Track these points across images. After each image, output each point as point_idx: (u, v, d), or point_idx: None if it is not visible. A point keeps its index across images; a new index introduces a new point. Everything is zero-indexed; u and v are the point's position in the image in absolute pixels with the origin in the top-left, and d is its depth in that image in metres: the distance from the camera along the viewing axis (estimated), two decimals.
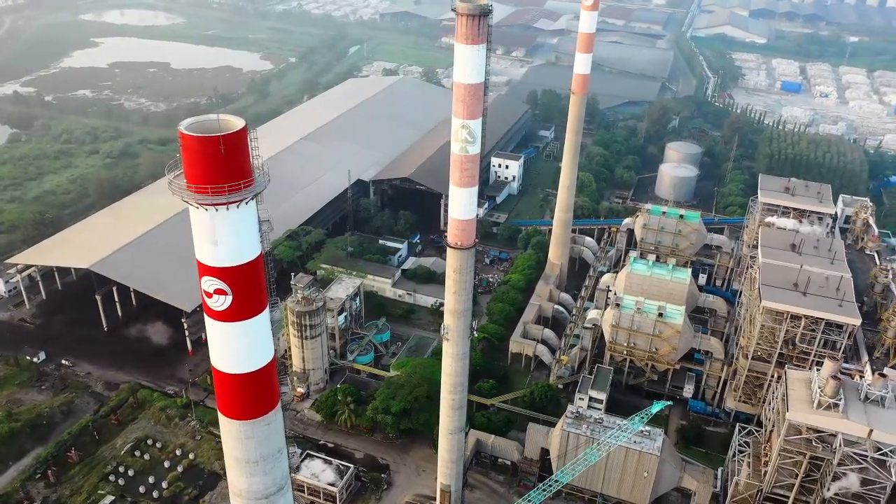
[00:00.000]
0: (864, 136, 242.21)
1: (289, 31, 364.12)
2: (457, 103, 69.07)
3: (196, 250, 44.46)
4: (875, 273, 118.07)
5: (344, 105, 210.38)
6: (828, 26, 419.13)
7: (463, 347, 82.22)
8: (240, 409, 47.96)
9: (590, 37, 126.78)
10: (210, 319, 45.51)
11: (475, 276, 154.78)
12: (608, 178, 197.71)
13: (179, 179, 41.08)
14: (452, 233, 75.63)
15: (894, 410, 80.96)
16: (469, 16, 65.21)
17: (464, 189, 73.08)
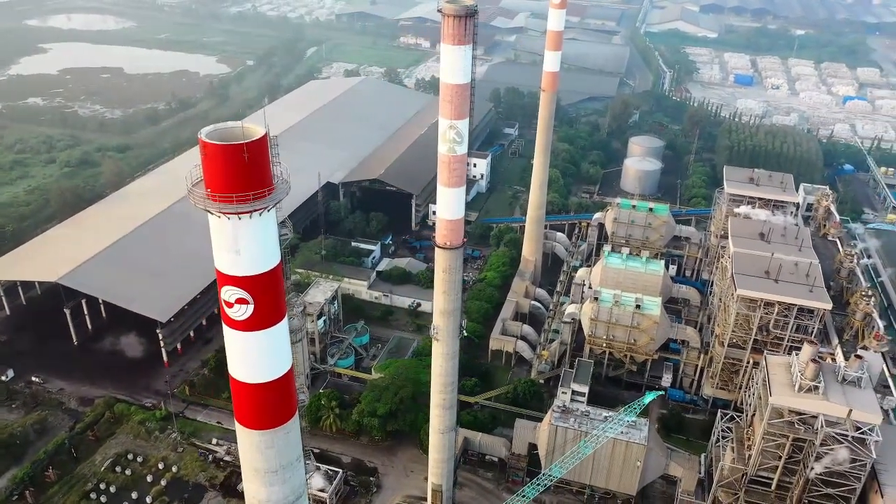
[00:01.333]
0: (817, 127, 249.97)
1: (244, 33, 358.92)
2: (444, 104, 69.10)
3: (215, 260, 43.70)
4: (841, 258, 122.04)
5: (307, 107, 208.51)
6: (775, 20, 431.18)
7: (453, 347, 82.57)
8: (260, 418, 47.31)
9: (558, 34, 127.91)
10: (230, 330, 44.76)
11: None
12: (574, 174, 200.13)
13: (198, 188, 40.27)
14: (441, 233, 75.82)
15: (870, 390, 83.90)
16: (456, 17, 65.35)
17: (452, 189, 73.36)
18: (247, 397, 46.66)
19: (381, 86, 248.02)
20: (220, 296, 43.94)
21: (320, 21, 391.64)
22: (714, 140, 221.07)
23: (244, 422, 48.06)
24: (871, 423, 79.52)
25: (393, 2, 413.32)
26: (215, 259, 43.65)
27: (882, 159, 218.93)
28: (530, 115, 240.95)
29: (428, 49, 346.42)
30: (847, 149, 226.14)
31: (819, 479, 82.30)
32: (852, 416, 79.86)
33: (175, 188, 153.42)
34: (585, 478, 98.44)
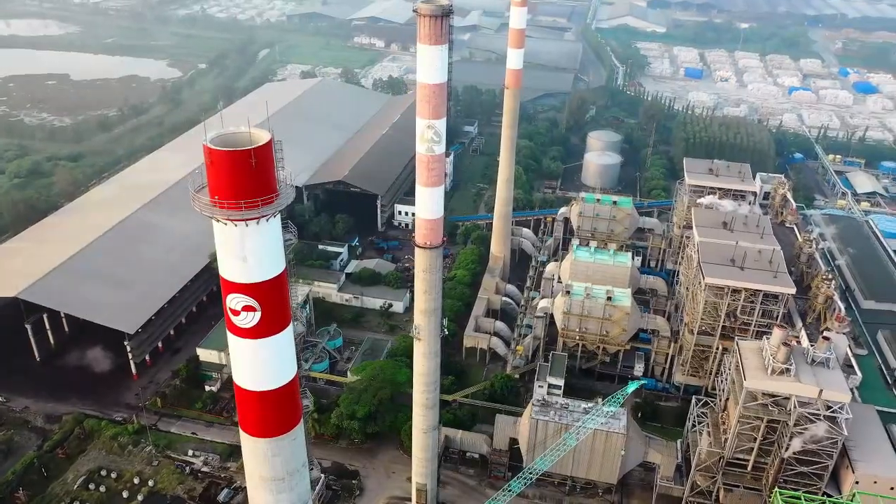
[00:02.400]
0: (766, 117, 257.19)
1: (194, 36, 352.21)
2: (422, 104, 69.19)
3: (220, 268, 42.93)
4: (800, 244, 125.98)
5: (265, 110, 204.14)
6: (720, 14, 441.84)
7: (434, 346, 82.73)
8: (268, 426, 46.64)
9: (520, 32, 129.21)
10: (235, 338, 44.00)
11: None
12: (536, 170, 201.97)
13: (202, 196, 39.50)
14: (421, 232, 75.83)
15: (838, 371, 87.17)
16: (432, 17, 65.24)
17: (431, 189, 73.43)
18: (253, 405, 45.99)
19: (339, 87, 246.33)
20: (224, 304, 43.18)
21: (271, 22, 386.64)
22: (669, 132, 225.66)
23: (250, 430, 47.35)
24: (840, 402, 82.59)
25: (344, 2, 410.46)
26: (220, 267, 42.92)
27: (829, 147, 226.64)
28: (489, 112, 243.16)
29: (383, 49, 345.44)
30: (796, 138, 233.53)
31: (793, 459, 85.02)
32: (823, 396, 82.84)
33: (135, 196, 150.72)
34: (566, 469, 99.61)
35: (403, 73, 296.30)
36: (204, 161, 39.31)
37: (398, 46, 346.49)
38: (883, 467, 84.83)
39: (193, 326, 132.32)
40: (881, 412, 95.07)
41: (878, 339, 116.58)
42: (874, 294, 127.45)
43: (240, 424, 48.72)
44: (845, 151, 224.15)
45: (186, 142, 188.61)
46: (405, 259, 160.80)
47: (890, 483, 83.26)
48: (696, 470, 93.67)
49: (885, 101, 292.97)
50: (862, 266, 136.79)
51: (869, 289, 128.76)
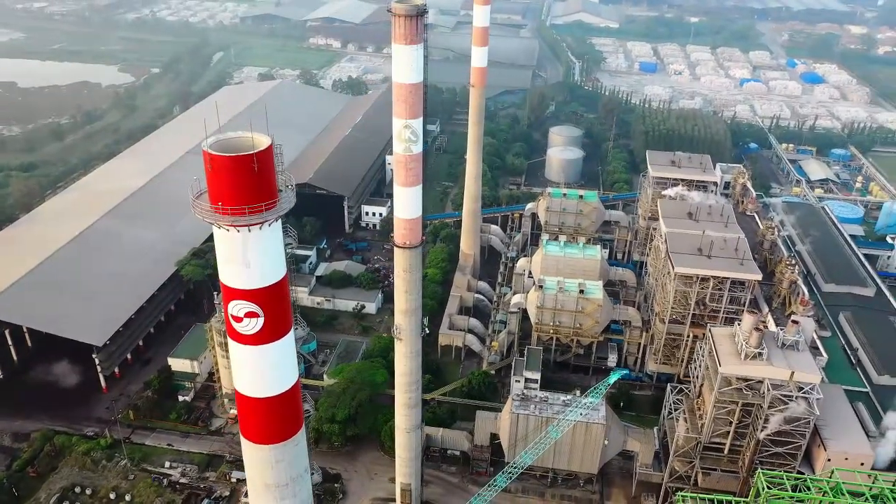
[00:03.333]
0: (720, 109, 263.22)
1: (145, 40, 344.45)
2: (398, 104, 69.05)
3: (221, 274, 42.24)
4: (763, 231, 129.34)
5: (225, 113, 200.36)
6: (670, 9, 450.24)
7: (415, 345, 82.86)
8: (271, 432, 46.09)
9: (484, 30, 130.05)
10: (237, 345, 43.32)
11: (391, 275, 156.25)
12: (500, 167, 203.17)
13: (202, 202, 38.84)
14: (400, 232, 75.79)
15: (807, 353, 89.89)
16: (407, 16, 65.24)
17: (409, 188, 73.35)
18: (257, 412, 45.42)
19: (299, 88, 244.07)
20: (225, 311, 42.55)
21: (224, 25, 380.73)
22: (629, 126, 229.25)
23: (253, 437, 46.75)
24: (811, 383, 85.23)
25: (299, 2, 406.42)
26: (221, 274, 42.26)
27: (782, 136, 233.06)
28: (450, 110, 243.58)
29: (339, 49, 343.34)
30: (750, 128, 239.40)
31: (768, 440, 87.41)
32: (795, 378, 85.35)
33: (95, 205, 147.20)
34: (548, 462, 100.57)
35: (362, 73, 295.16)
36: (204, 167, 38.61)
37: (355, 46, 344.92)
38: (852, 444, 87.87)
39: (163, 336, 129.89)
40: (847, 391, 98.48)
41: (839, 321, 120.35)
42: (834, 277, 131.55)
43: (241, 432, 48.09)
44: (797, 140, 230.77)
45: (145, 148, 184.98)
46: (375, 260, 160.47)
47: (860, 459, 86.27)
48: (674, 456, 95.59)
49: (831, 90, 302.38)
50: (821, 251, 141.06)
51: (829, 273, 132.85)
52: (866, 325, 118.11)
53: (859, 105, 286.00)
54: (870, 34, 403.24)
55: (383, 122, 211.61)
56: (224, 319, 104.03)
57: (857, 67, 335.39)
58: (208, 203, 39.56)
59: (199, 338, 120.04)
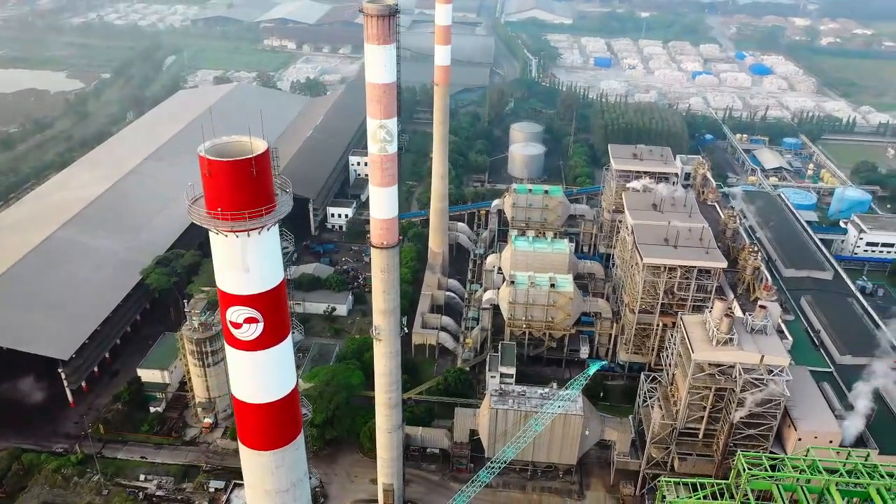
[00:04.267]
0: (675, 101, 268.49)
1: (93, 45, 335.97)
2: (372, 104, 68.93)
3: (219, 281, 41.54)
4: (725, 220, 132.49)
5: (183, 118, 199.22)
6: (621, 4, 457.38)
7: (395, 345, 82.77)
8: (271, 438, 45.45)
9: (447, 29, 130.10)
10: (236, 352, 42.64)
11: (360, 276, 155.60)
12: (464, 164, 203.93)
13: (199, 208, 38.17)
14: (376, 233, 75.70)
15: (775, 336, 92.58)
16: (379, 16, 65.07)
17: (385, 189, 73.30)
18: (257, 419, 44.81)
19: (256, 91, 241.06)
20: (223, 317, 41.91)
21: (175, 28, 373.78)
22: (588, 121, 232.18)
23: (253, 444, 46.07)
24: (780, 365, 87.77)
25: (251, 4, 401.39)
26: (219, 280, 41.61)
27: (735, 127, 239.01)
28: (410, 109, 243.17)
29: (295, 50, 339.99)
30: (705, 120, 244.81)
31: (741, 423, 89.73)
32: (765, 361, 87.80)
33: (53, 215, 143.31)
34: (528, 455, 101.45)
35: (319, 74, 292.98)
36: (201, 172, 38.00)
37: (310, 47, 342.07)
38: (821, 423, 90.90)
39: (130, 347, 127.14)
40: (812, 372, 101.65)
41: (801, 305, 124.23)
42: (794, 263, 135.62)
43: (240, 439, 47.43)
44: (750, 130, 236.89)
45: (101, 155, 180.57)
46: (343, 261, 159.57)
47: (829, 437, 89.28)
48: (650, 443, 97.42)
49: (779, 81, 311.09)
50: (780, 237, 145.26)
51: (789, 258, 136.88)
52: (827, 308, 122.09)
53: (807, 95, 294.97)
54: (813, 26, 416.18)
55: (344, 122, 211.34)
56: (195, 327, 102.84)
57: (802, 58, 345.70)
58: (204, 209, 38.93)
59: (169, 347, 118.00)
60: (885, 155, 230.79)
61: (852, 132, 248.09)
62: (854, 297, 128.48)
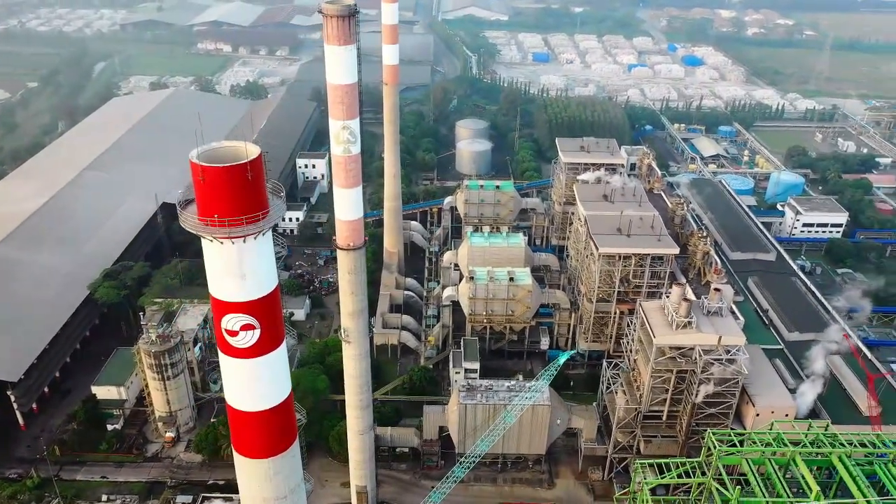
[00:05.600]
0: (613, 94, 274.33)
1: (15, 52, 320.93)
2: (334, 105, 68.55)
3: (214, 289, 40.50)
4: (673, 208, 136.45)
5: (120, 126, 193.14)
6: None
7: (364, 347, 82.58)
8: (269, 446, 44.56)
9: (393, 28, 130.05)
10: (232, 360, 41.67)
11: (316, 279, 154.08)
12: (412, 163, 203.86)
13: (192, 215, 37.17)
14: (343, 235, 75.35)
15: (730, 318, 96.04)
16: (339, 17, 64.57)
17: (350, 190, 73.23)
18: (254, 427, 43.92)
19: (196, 96, 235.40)
20: (218, 326, 41.03)
21: (103, 33, 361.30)
22: (531, 116, 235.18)
23: (250, 453, 45.13)
24: (737, 345, 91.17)
25: (182, 7, 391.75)
26: (214, 289, 40.64)
27: (673, 117, 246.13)
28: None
29: (231, 53, 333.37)
30: (643, 111, 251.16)
31: (703, 402, 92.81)
32: (722, 342, 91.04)
33: None
34: (497, 448, 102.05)
35: (258, 76, 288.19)
36: (193, 179, 37.21)
37: (247, 50, 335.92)
38: (777, 398, 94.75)
39: (81, 364, 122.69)
40: (765, 350, 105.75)
41: (749, 286, 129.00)
42: (739, 246, 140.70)
43: (236, 449, 46.48)
44: (687, 120, 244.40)
45: (35, 167, 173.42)
46: (297, 265, 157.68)
47: (784, 411, 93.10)
48: (616, 428, 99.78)
49: (711, 71, 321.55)
50: (724, 222, 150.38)
51: (734, 242, 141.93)
52: (773, 288, 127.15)
53: (737, 84, 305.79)
54: (738, 17, 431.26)
55: (289, 125, 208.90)
56: (152, 340, 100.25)
57: (730, 49, 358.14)
58: (196, 216, 38.13)
59: (124, 362, 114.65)
60: (814, 139, 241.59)
61: (782, 119, 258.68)
62: (797, 277, 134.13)
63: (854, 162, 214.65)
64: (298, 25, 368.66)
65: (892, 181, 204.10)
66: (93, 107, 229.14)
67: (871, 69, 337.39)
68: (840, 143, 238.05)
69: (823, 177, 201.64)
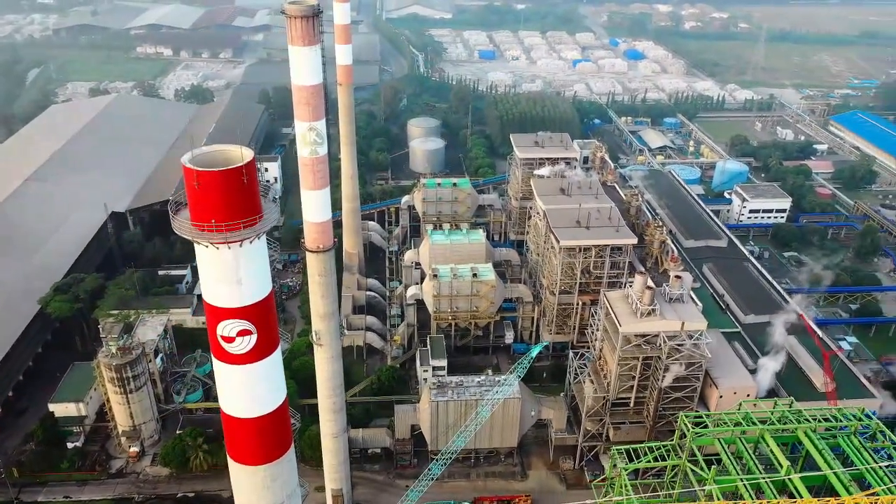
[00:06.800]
0: (561, 89, 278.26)
1: None
2: (300, 107, 67.72)
3: (209, 296, 39.59)
4: (628, 199, 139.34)
5: (62, 134, 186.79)
6: None
7: (336, 349, 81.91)
8: (266, 452, 43.74)
9: (346, 28, 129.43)
10: (228, 367, 40.76)
11: (274, 283, 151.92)
12: (365, 163, 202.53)
13: (185, 221, 36.24)
14: (312, 237, 74.68)
15: (691, 304, 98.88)
16: (303, 17, 63.97)
17: (319, 191, 72.32)
18: (251, 433, 43.09)
19: (139, 101, 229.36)
20: (214, 333, 40.12)
21: (35, 39, 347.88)
22: (482, 113, 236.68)
23: (248, 460, 44.25)
24: (700, 329, 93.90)
25: (117, 11, 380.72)
26: (209, 295, 39.76)
27: (620, 110, 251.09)
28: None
29: (172, 57, 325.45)
30: (591, 105, 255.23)
31: (668, 387, 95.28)
32: (685, 328, 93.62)
33: None
34: (470, 443, 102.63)
35: (202, 80, 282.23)
36: (186, 184, 36.36)
37: (189, 53, 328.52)
38: (738, 379, 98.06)
39: (35, 382, 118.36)
40: (723, 333, 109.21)
41: (704, 272, 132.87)
42: (692, 234, 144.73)
43: (232, 457, 45.57)
44: (633, 113, 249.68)
45: None
46: None
47: (746, 391, 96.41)
48: (586, 417, 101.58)
49: (652, 65, 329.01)
50: (676, 211, 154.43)
51: (687, 230, 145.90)
52: (727, 273, 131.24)
53: (678, 77, 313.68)
54: (676, 11, 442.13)
55: (240, 128, 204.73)
56: (113, 353, 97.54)
57: (669, 42, 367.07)
58: (189, 222, 37.35)
59: (82, 377, 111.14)
60: (754, 128, 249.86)
61: (723, 109, 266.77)
62: (748, 262, 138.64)
63: (793, 149, 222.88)
64: (241, 27, 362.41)
65: (830, 167, 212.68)
66: (29, 115, 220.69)
67: (803, 59, 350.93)
68: (779, 131, 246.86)
69: (766, 164, 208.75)
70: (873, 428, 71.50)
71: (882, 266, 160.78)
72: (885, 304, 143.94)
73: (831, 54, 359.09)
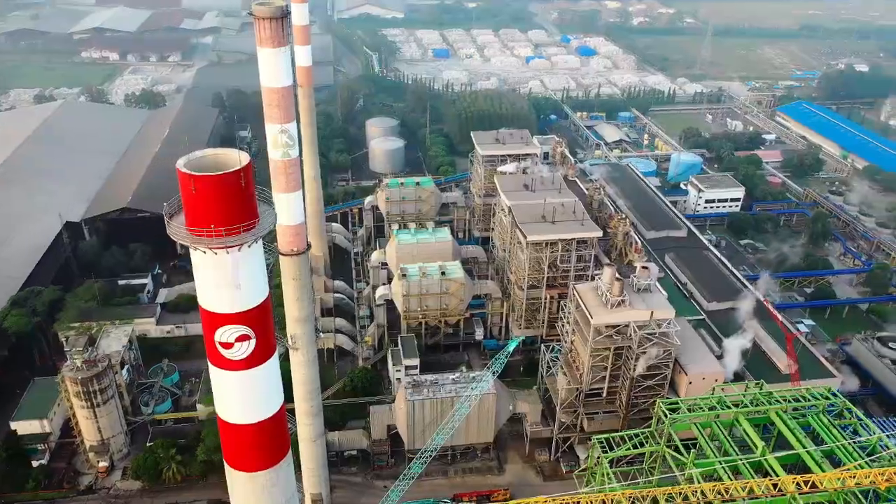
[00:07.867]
0: (516, 86, 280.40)
1: None
2: (271, 109, 67.27)
3: (206, 302, 38.73)
4: (591, 193, 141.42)
5: (8, 143, 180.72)
6: None
7: (312, 353, 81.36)
8: (266, 457, 42.98)
9: (305, 28, 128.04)
10: (226, 373, 39.94)
11: None
12: (325, 164, 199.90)
13: (181, 227, 35.40)
14: (285, 240, 73.98)
15: (659, 293, 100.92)
16: (271, 19, 63.25)
17: (291, 194, 71.85)
18: (251, 439, 42.34)
19: (88, 107, 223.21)
20: (212, 339, 39.32)
21: None
22: (439, 111, 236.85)
23: (248, 467, 43.44)
24: (668, 318, 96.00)
25: (59, 15, 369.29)
26: (206, 301, 38.94)
27: (575, 106, 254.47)
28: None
29: (118, 61, 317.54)
30: (546, 101, 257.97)
31: (640, 376, 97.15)
32: (654, 317, 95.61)
33: None
34: (446, 441, 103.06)
35: (151, 84, 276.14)
36: (182, 190, 35.68)
37: (136, 57, 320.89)
38: (706, 365, 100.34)
39: None
40: (689, 321, 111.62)
41: (666, 262, 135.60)
42: (653, 225, 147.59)
43: (231, 464, 44.72)
44: (588, 108, 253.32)
45: None
46: None
47: (714, 377, 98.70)
48: (560, 409, 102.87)
49: (604, 60, 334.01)
50: (636, 203, 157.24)
51: (648, 221, 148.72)
52: (688, 262, 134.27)
53: (629, 72, 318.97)
54: (624, 7, 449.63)
55: (193, 133, 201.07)
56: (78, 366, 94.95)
57: (619, 38, 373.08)
58: (186, 228, 36.63)
59: (44, 393, 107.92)
60: (705, 121, 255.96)
61: (674, 103, 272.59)
62: (708, 250, 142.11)
63: (743, 140, 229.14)
64: (189, 30, 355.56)
65: (778, 156, 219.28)
66: None
67: (748, 52, 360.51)
68: (729, 122, 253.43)
69: (718, 155, 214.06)
70: (840, 405, 74.28)
71: (832, 250, 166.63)
72: (837, 287, 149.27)
73: (774, 48, 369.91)
